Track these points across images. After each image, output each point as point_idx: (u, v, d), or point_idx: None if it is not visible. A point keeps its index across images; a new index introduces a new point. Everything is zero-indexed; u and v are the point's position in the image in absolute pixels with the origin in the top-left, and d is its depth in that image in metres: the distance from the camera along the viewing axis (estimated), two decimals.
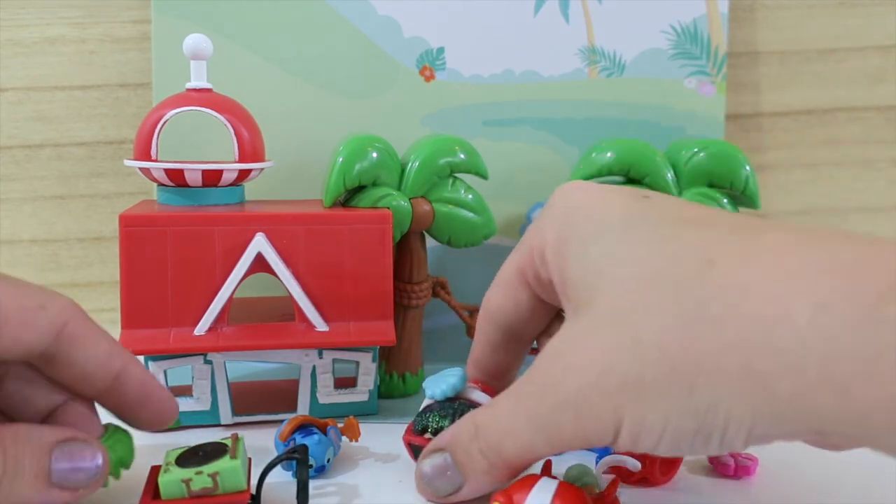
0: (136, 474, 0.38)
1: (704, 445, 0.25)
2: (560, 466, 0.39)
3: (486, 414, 0.30)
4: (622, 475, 0.38)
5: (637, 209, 0.28)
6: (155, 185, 0.47)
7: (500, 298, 0.34)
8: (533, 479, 0.32)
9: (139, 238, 0.43)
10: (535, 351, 0.52)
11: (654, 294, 0.25)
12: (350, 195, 0.49)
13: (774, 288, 0.23)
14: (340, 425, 0.41)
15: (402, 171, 0.49)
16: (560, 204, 0.30)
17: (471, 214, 0.50)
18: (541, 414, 0.28)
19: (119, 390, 0.34)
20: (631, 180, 0.49)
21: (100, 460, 0.30)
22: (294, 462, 0.36)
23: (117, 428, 0.37)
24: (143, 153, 0.46)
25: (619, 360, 0.25)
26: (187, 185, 0.46)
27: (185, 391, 0.45)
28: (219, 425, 0.45)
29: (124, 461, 0.36)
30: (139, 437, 0.44)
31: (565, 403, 0.26)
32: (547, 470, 0.34)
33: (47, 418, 0.33)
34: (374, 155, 0.47)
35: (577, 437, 0.27)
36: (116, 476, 0.36)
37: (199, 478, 0.32)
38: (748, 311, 0.24)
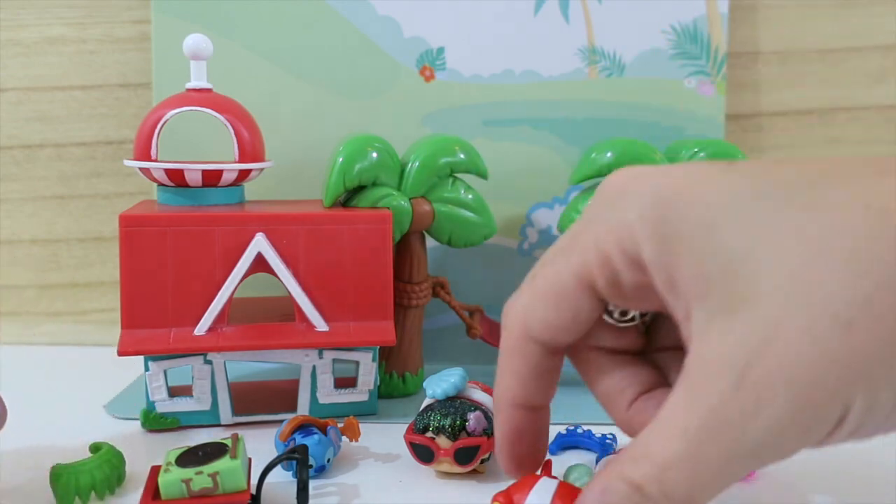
0: (136, 474, 0.38)
1: None
2: (560, 466, 0.39)
3: (647, 466, 0.23)
4: None
5: (757, 180, 0.23)
6: (155, 185, 0.47)
7: (547, 312, 0.26)
8: (533, 480, 0.32)
9: (139, 238, 0.43)
10: None
11: (834, 264, 0.21)
12: (350, 195, 0.49)
13: None
14: (340, 425, 0.41)
15: (402, 171, 0.49)
16: (642, 197, 0.24)
17: (471, 214, 0.50)
18: (750, 441, 0.22)
19: None
20: None
21: None
22: (294, 462, 0.36)
23: (110, 448, 0.37)
24: (143, 153, 0.46)
25: (832, 345, 0.21)
26: (187, 185, 0.46)
27: (185, 391, 0.45)
28: (219, 425, 0.45)
29: (109, 483, 0.36)
30: (139, 437, 0.44)
31: (784, 413, 0.21)
32: (547, 470, 0.34)
33: None
34: (374, 155, 0.47)
35: (796, 442, 0.22)
36: (100, 497, 0.36)
37: (200, 478, 0.32)
38: None
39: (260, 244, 0.44)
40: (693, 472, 0.22)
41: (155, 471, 0.34)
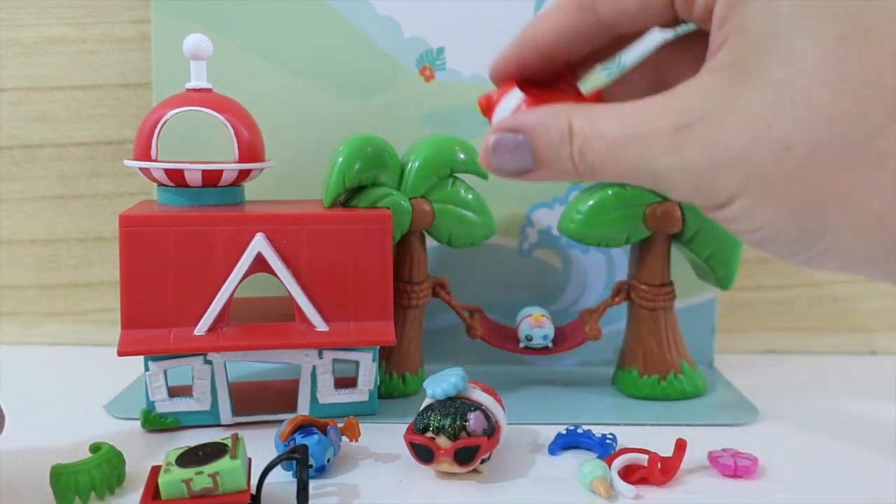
0: (136, 474, 0.38)
1: (790, 254, 0.25)
2: (561, 466, 0.39)
3: (591, 123, 0.27)
4: (626, 473, 0.38)
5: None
6: (155, 185, 0.47)
7: None
8: (510, 86, 0.32)
9: (139, 238, 0.43)
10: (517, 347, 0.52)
11: (837, 61, 0.23)
12: (350, 195, 0.49)
13: None
14: (340, 425, 0.41)
15: (402, 171, 0.49)
16: None
17: (471, 214, 0.50)
18: (690, 156, 0.25)
19: None
20: None
21: None
22: (294, 462, 0.36)
23: (110, 448, 0.37)
24: (143, 153, 0.46)
25: (784, 122, 0.24)
26: (187, 185, 0.46)
27: (185, 391, 0.45)
28: (219, 425, 0.45)
29: (109, 483, 0.36)
30: (139, 437, 0.44)
31: (726, 148, 0.24)
32: (519, 83, 0.33)
33: None
34: (375, 155, 0.47)
35: (681, 194, 0.26)
36: (100, 497, 0.36)
37: (200, 478, 0.32)
38: None
39: (260, 244, 0.44)
40: (616, 149, 0.26)
41: (155, 471, 0.34)
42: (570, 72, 0.33)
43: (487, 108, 0.32)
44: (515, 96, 0.31)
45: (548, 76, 0.32)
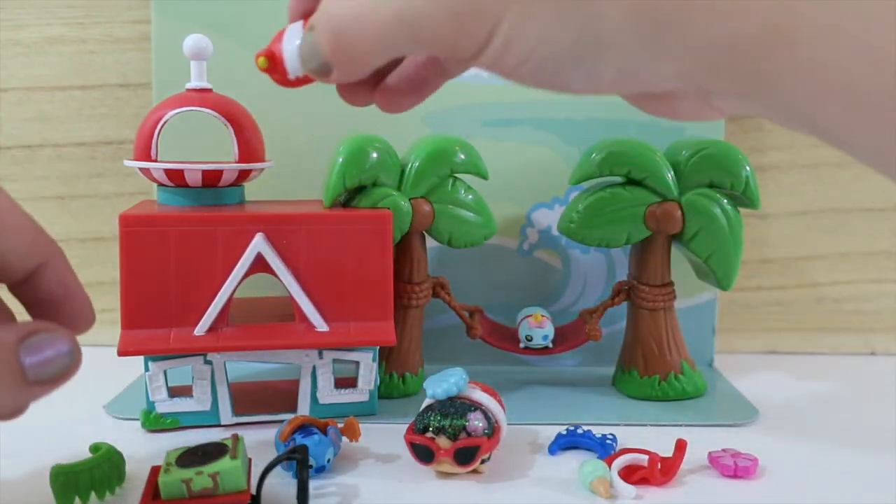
0: (136, 474, 0.38)
1: (571, 70, 0.26)
2: (562, 466, 0.39)
3: (338, 2, 0.28)
4: (626, 473, 0.38)
5: None
6: (155, 185, 0.47)
7: None
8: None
9: (139, 238, 0.43)
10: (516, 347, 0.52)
11: None
12: (350, 195, 0.49)
13: None
14: (340, 425, 0.41)
15: (402, 171, 0.49)
16: None
17: (471, 214, 0.50)
18: (413, 9, 0.26)
19: (35, 285, 0.32)
20: (631, 180, 0.49)
21: (69, 345, 0.29)
22: (294, 462, 0.36)
23: (110, 448, 0.37)
24: (144, 153, 0.46)
25: None
26: (187, 185, 0.46)
27: (185, 391, 0.45)
28: (219, 425, 0.45)
29: (109, 483, 0.36)
30: (139, 437, 0.44)
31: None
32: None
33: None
34: (374, 155, 0.47)
35: (442, 38, 0.26)
36: (100, 497, 0.36)
37: (200, 478, 0.32)
38: None
39: (260, 244, 0.44)
40: (359, 16, 0.27)
41: (155, 471, 0.34)
42: None
43: (272, 57, 0.33)
44: (295, 28, 0.32)
45: None
